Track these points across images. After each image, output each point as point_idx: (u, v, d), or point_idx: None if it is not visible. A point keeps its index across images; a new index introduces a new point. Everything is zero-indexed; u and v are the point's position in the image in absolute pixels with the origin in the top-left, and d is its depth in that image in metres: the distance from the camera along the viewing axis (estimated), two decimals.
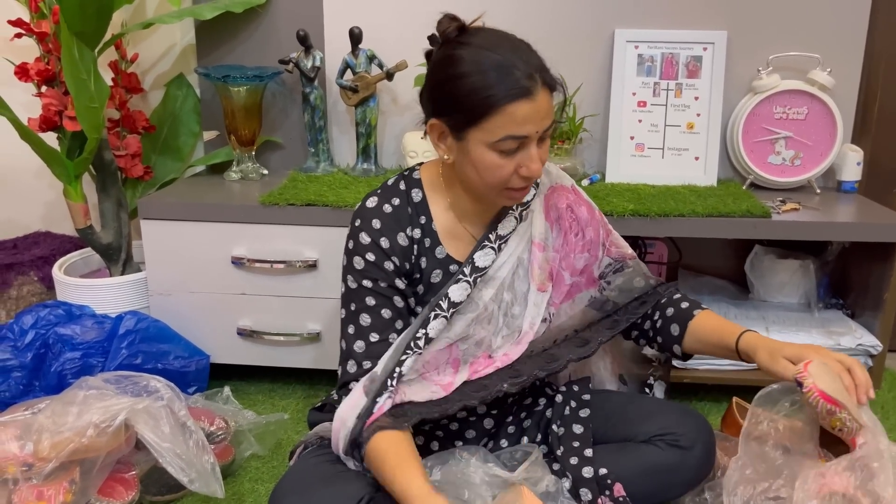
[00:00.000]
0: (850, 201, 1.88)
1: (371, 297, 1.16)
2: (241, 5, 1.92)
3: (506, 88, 1.04)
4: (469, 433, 1.30)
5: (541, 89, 1.06)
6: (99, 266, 2.04)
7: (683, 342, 1.29)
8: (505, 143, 1.07)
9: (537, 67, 1.07)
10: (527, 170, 1.10)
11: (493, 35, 1.11)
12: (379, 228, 1.16)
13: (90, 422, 1.30)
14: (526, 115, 1.05)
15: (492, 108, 1.05)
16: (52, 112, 1.80)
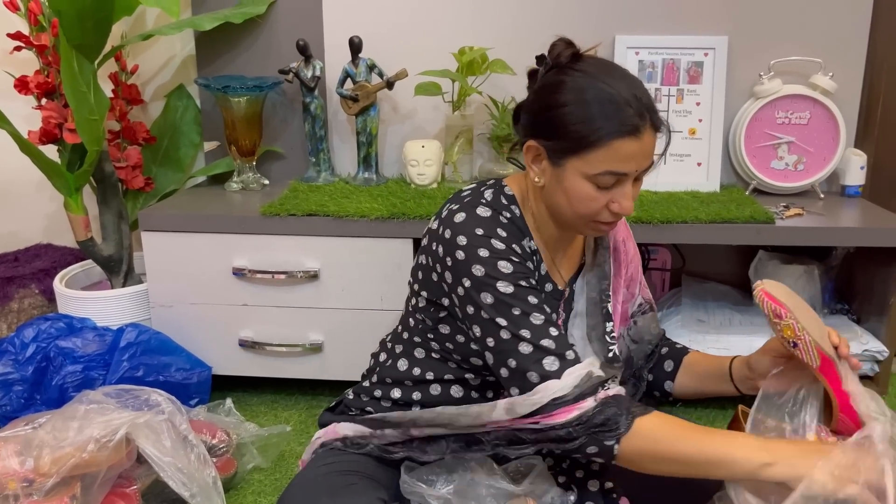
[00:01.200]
0: (854, 206, 1.87)
1: (532, 296, 1.09)
2: (240, 16, 1.92)
3: (616, 124, 1.02)
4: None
5: (648, 129, 1.05)
6: (100, 278, 2.04)
7: (676, 378, 1.28)
8: (603, 178, 1.05)
9: (648, 107, 1.05)
10: (619, 206, 1.08)
11: (607, 67, 1.09)
12: (506, 237, 1.11)
13: (91, 436, 1.29)
14: (630, 153, 1.04)
15: (598, 141, 1.03)
16: (52, 125, 1.80)
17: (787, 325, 1.04)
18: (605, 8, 1.92)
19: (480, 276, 1.08)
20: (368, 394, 1.27)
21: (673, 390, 1.29)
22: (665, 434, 1.01)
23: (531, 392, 1.05)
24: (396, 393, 1.24)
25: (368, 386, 1.28)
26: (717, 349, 1.77)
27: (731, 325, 1.86)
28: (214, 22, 1.89)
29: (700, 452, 0.99)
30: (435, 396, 1.20)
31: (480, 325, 1.09)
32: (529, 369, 1.05)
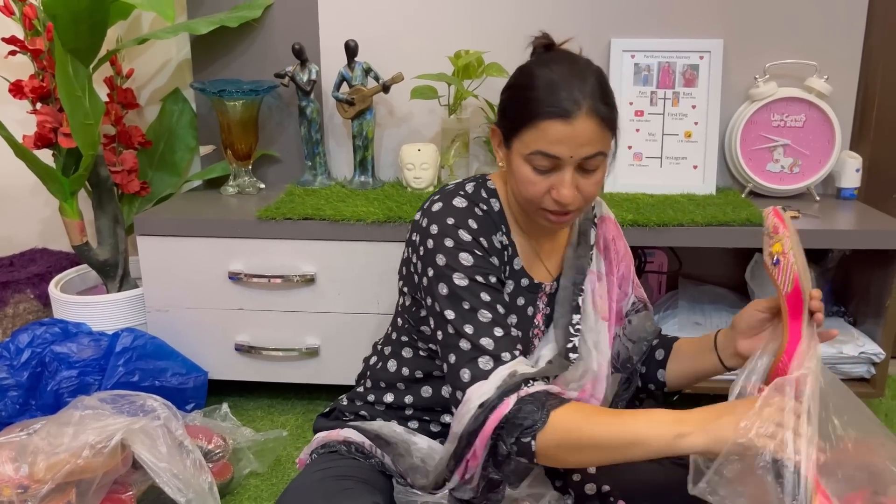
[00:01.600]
0: (849, 208, 1.87)
1: (486, 293, 1.09)
2: (236, 20, 1.92)
3: (546, 105, 1.04)
4: None
5: (583, 116, 1.04)
6: (96, 283, 2.03)
7: (667, 366, 1.28)
8: (536, 159, 1.06)
9: (589, 95, 1.05)
10: (557, 194, 1.07)
11: (565, 57, 1.12)
12: (476, 229, 1.12)
13: (86, 442, 1.28)
14: (559, 136, 1.04)
15: (529, 120, 1.06)
16: (47, 129, 1.79)
17: (779, 241, 1.05)
18: (600, 11, 1.93)
19: (441, 266, 1.09)
20: (362, 399, 1.27)
21: (666, 379, 1.28)
22: (577, 423, 0.99)
23: (461, 403, 1.04)
24: (389, 397, 1.24)
25: (362, 391, 1.28)
26: None
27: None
28: (210, 26, 1.88)
29: (612, 436, 0.97)
30: (427, 398, 1.20)
31: (434, 318, 1.11)
32: (463, 367, 1.06)
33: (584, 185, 1.09)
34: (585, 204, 1.12)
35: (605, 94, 1.07)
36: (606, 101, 1.07)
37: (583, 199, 1.10)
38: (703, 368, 1.23)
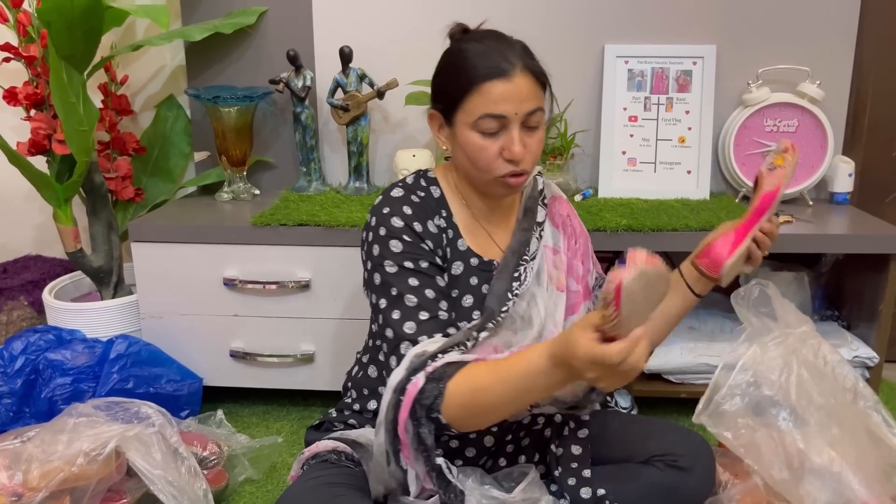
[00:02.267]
0: (842, 213, 1.88)
1: (414, 278, 1.12)
2: (230, 26, 1.92)
3: (484, 69, 1.10)
4: (469, 451, 1.28)
5: (519, 73, 1.11)
6: (90, 289, 2.03)
7: None
8: (484, 123, 1.11)
9: (518, 55, 1.12)
10: (509, 152, 1.12)
11: (487, 31, 1.19)
12: (410, 214, 1.16)
13: (80, 450, 1.28)
14: (502, 94, 1.10)
15: (471, 86, 1.11)
16: (41, 136, 1.79)
17: (781, 158, 1.24)
18: (594, 17, 1.94)
19: (375, 256, 1.14)
20: (349, 408, 1.28)
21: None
22: (468, 391, 1.01)
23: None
24: (373, 404, 1.25)
25: (349, 401, 1.29)
26: (708, 356, 1.78)
27: (723, 332, 1.87)
28: (204, 32, 1.88)
29: (502, 393, 1.00)
30: None
31: (372, 310, 1.15)
32: (391, 355, 1.10)
33: (530, 143, 1.14)
34: (533, 163, 1.16)
35: (530, 53, 1.16)
36: (534, 59, 1.15)
37: (531, 159, 1.15)
38: (675, 305, 1.27)
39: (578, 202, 1.87)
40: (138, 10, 1.65)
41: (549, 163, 1.92)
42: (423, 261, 1.14)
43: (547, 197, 1.31)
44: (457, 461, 1.28)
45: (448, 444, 1.28)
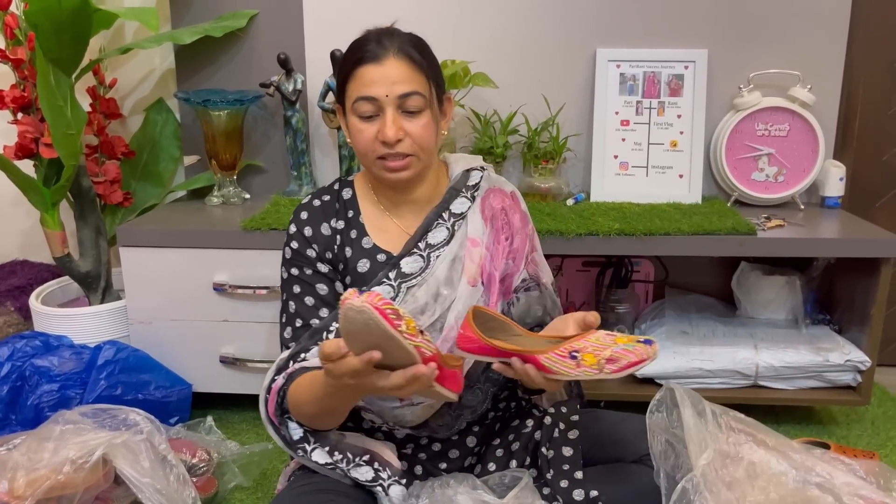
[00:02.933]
0: (833, 217, 1.88)
1: (297, 285, 1.22)
2: (220, 29, 1.91)
3: (357, 55, 1.16)
4: (452, 453, 1.28)
5: (392, 57, 1.14)
6: (77, 295, 2.00)
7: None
8: (360, 106, 1.15)
9: (396, 44, 1.16)
10: (381, 134, 1.14)
11: (384, 27, 1.21)
12: (305, 219, 1.24)
13: (67, 458, 1.26)
14: (373, 77, 1.13)
15: (349, 74, 1.16)
16: (29, 139, 1.77)
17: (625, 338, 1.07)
18: (586, 21, 1.93)
19: (281, 259, 1.25)
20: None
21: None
22: (296, 400, 1.12)
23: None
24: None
25: None
26: (701, 360, 1.78)
27: (715, 336, 1.87)
28: (194, 35, 1.87)
29: (314, 401, 1.09)
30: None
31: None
32: (273, 363, 1.20)
33: (411, 127, 1.16)
34: (420, 150, 1.17)
35: (416, 44, 1.18)
36: (418, 49, 1.17)
37: (412, 143, 1.16)
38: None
39: (570, 206, 1.87)
40: (127, 13, 1.64)
41: (542, 167, 1.92)
42: (307, 268, 1.22)
43: (481, 189, 1.29)
44: (441, 464, 1.28)
45: (430, 448, 1.27)
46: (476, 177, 1.29)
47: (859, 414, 1.91)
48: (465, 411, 1.27)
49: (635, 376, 1.81)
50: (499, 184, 1.33)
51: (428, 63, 1.18)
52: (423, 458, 1.28)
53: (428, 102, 1.16)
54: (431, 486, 1.17)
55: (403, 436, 1.27)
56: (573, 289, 2.11)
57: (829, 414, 1.92)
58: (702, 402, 1.20)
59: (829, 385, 1.79)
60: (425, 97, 1.16)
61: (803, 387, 1.79)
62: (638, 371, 1.09)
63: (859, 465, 1.20)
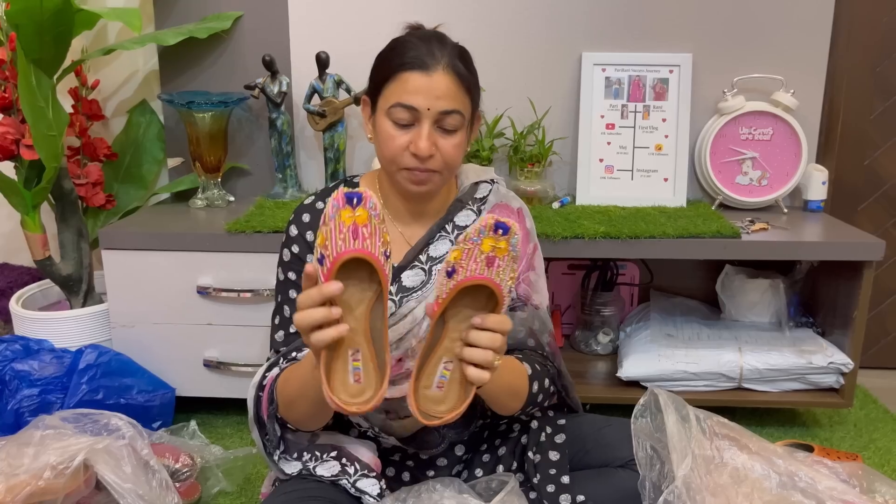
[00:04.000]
0: (816, 220, 1.90)
1: (293, 290, 1.20)
2: (205, 31, 1.90)
3: (406, 58, 1.10)
4: (440, 461, 1.28)
5: (441, 71, 1.09)
6: (58, 298, 1.98)
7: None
8: (397, 112, 1.10)
9: (447, 54, 1.11)
10: (414, 146, 1.10)
11: (430, 30, 1.18)
12: (307, 223, 1.20)
13: (47, 463, 1.25)
14: (417, 87, 1.09)
15: (391, 73, 1.11)
16: (9, 141, 1.75)
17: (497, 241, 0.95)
18: (571, 25, 1.94)
19: (278, 260, 1.22)
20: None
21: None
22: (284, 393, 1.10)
23: None
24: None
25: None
26: (686, 363, 1.78)
27: (700, 339, 1.87)
28: (178, 37, 1.86)
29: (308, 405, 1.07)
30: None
31: None
32: (270, 349, 1.22)
33: (444, 144, 1.12)
34: (445, 167, 1.14)
35: (464, 58, 1.14)
36: (466, 65, 1.13)
37: (442, 161, 1.12)
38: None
39: (556, 209, 1.87)
40: (110, 14, 1.62)
41: (528, 170, 1.92)
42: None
43: (488, 203, 1.26)
44: (428, 471, 1.27)
45: (418, 456, 1.27)
46: (485, 190, 1.26)
47: (842, 416, 1.93)
48: (449, 433, 1.25)
49: (620, 379, 1.82)
50: (507, 199, 1.29)
51: (473, 81, 1.15)
52: (410, 465, 1.28)
53: (465, 122, 1.13)
54: (418, 491, 1.16)
55: (390, 446, 1.26)
56: (559, 292, 2.12)
57: (813, 416, 1.94)
58: (685, 407, 1.21)
59: (813, 387, 1.81)
60: (464, 117, 1.12)
61: (787, 389, 1.81)
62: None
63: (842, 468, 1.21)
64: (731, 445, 1.19)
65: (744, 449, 1.20)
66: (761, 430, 1.85)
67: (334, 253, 0.90)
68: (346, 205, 0.91)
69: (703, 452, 1.16)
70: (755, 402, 1.81)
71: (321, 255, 0.92)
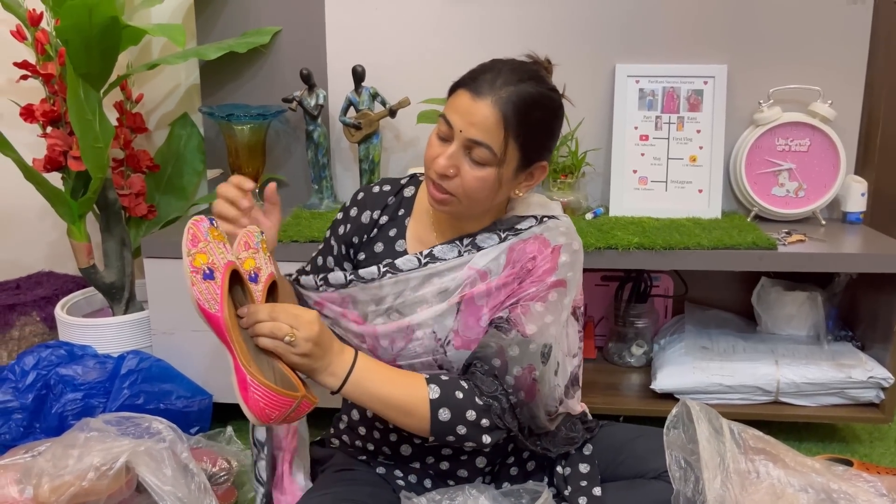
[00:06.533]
0: (855, 232, 1.87)
1: (324, 244, 1.32)
2: (244, 45, 1.94)
3: (467, 77, 1.13)
4: (461, 472, 1.27)
5: (489, 102, 1.08)
6: (102, 305, 2.03)
7: None
8: (441, 123, 1.13)
9: (507, 92, 1.09)
10: (436, 160, 1.12)
11: (523, 63, 1.18)
12: (359, 200, 1.29)
13: (91, 464, 1.28)
14: (460, 106, 1.10)
15: (456, 85, 1.14)
16: (57, 152, 1.81)
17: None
18: (605, 37, 1.95)
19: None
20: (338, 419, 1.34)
21: None
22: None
23: None
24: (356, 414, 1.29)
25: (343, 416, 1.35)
26: (721, 376, 1.76)
27: (736, 352, 1.85)
28: (219, 51, 1.91)
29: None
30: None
31: None
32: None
33: (466, 172, 1.11)
34: (465, 196, 1.12)
35: (521, 105, 1.09)
36: (520, 111, 1.09)
37: (461, 187, 1.12)
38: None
39: (589, 220, 1.87)
40: (155, 29, 1.67)
41: (561, 181, 1.93)
42: (333, 238, 1.30)
43: (524, 233, 1.21)
44: (449, 481, 1.27)
45: (438, 466, 1.27)
46: (528, 223, 1.22)
47: (883, 432, 1.89)
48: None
49: (654, 391, 1.81)
50: (547, 234, 1.21)
51: (520, 129, 1.10)
52: (431, 473, 1.28)
53: (497, 161, 1.10)
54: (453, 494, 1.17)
55: (409, 453, 1.27)
56: (592, 303, 2.11)
57: (852, 431, 1.90)
58: (719, 419, 1.19)
59: (852, 402, 1.77)
60: (495, 155, 1.09)
61: (825, 403, 1.78)
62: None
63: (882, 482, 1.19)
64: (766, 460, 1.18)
65: (779, 463, 1.18)
66: (799, 445, 1.82)
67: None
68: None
69: (737, 466, 1.14)
70: (793, 416, 1.78)
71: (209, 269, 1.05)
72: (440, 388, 1.10)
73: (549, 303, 1.17)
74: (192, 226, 1.08)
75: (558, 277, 1.18)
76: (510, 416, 1.13)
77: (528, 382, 1.12)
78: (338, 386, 1.08)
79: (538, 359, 1.13)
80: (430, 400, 1.09)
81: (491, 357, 1.13)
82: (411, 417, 1.09)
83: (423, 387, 1.10)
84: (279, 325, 1.04)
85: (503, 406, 1.12)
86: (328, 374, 1.07)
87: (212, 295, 1.04)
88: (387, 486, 1.26)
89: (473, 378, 1.13)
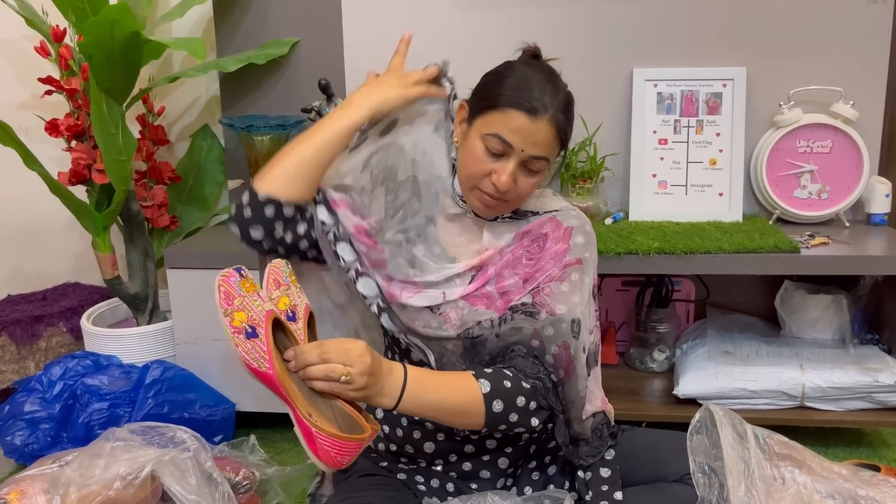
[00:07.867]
0: (880, 234, 1.84)
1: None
2: (263, 57, 1.96)
3: (518, 96, 1.13)
4: (483, 473, 1.28)
5: (546, 120, 1.13)
6: (126, 316, 2.06)
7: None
8: (491, 141, 1.14)
9: (556, 105, 1.14)
10: (497, 178, 1.15)
11: (547, 67, 1.22)
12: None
13: (117, 474, 1.29)
14: (520, 127, 1.13)
15: (499, 104, 1.14)
16: (82, 166, 1.83)
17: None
18: (622, 41, 1.94)
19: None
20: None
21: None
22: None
23: None
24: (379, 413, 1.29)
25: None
26: (745, 381, 1.75)
27: (759, 356, 1.83)
28: (238, 63, 1.93)
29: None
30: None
31: None
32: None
33: (522, 182, 1.17)
34: (517, 201, 1.20)
35: (567, 110, 1.18)
36: (567, 117, 1.17)
37: (516, 195, 1.18)
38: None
39: (609, 225, 1.86)
40: (175, 43, 1.70)
41: (579, 186, 1.92)
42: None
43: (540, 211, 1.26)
44: (472, 483, 1.28)
45: (460, 466, 1.27)
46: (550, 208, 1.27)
47: None
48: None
49: (676, 397, 1.79)
50: (563, 216, 1.25)
51: (569, 132, 1.19)
52: (453, 476, 1.29)
53: (548, 165, 1.18)
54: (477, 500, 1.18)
55: (432, 450, 1.28)
56: (612, 308, 2.10)
57: (880, 436, 1.87)
58: (743, 424, 1.18)
59: (879, 406, 1.75)
60: (549, 162, 1.18)
61: (852, 408, 1.75)
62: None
63: None
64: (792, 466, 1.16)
65: (805, 469, 1.17)
66: (826, 450, 1.79)
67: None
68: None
69: (762, 472, 1.13)
70: (819, 421, 1.76)
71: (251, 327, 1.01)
72: (489, 380, 1.11)
73: (572, 282, 1.21)
74: (222, 282, 1.04)
75: (577, 256, 1.22)
76: (554, 396, 1.16)
77: (565, 359, 1.17)
78: (394, 405, 1.06)
79: (570, 335, 1.18)
80: (483, 395, 1.10)
81: (528, 339, 1.16)
82: (466, 416, 1.11)
83: (473, 383, 1.11)
84: (332, 367, 1.01)
85: (547, 386, 1.15)
86: (382, 395, 1.06)
87: (259, 354, 1.01)
88: (408, 491, 1.26)
89: (514, 362, 1.15)
